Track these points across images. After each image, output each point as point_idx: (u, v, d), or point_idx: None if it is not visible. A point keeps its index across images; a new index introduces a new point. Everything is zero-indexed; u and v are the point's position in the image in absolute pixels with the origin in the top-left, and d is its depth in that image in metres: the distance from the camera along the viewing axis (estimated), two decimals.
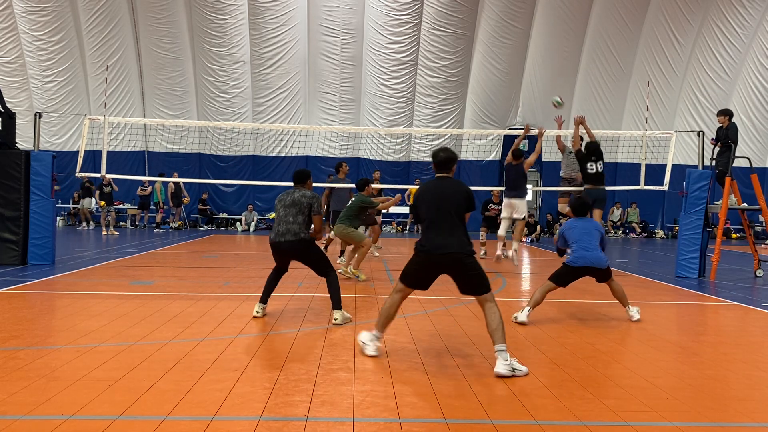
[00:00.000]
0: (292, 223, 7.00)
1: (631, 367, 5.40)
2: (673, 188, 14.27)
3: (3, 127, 11.57)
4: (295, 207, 7.04)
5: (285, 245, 7.03)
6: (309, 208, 7.05)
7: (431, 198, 5.53)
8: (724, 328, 7.56)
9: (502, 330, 5.18)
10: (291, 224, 7.00)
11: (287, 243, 7.00)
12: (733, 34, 24.32)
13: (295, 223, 7.00)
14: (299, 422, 3.90)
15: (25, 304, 7.69)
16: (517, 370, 5.04)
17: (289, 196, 7.17)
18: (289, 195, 7.18)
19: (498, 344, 5.12)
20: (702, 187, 11.94)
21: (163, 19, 23.50)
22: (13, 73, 23.91)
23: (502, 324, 5.20)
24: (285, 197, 7.20)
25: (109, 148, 14.15)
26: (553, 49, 24.39)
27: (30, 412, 3.94)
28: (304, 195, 7.11)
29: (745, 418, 4.26)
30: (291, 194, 7.19)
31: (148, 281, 9.80)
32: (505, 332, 5.18)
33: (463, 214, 5.49)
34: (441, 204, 5.46)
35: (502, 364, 5.02)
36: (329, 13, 23.77)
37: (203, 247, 16.36)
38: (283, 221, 7.05)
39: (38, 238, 11.42)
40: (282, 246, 7.06)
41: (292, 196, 7.13)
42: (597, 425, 3.99)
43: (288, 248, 7.04)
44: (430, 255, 5.40)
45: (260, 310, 7.18)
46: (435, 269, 5.48)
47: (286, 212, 7.07)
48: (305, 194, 7.13)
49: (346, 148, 25.25)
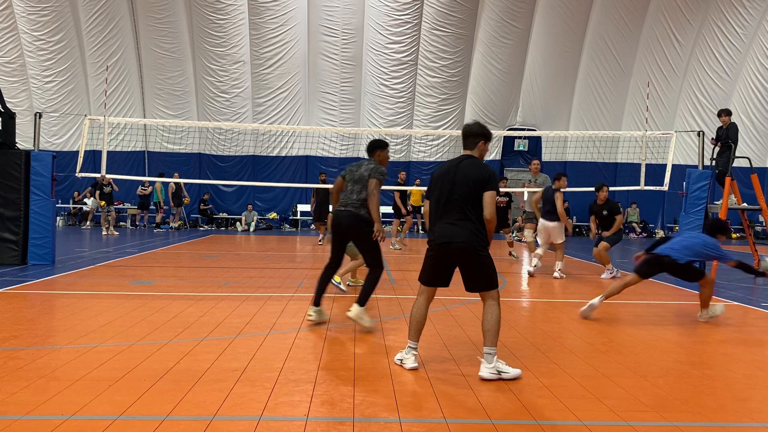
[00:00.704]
0: (355, 199, 6.62)
1: (631, 367, 5.40)
2: (673, 188, 14.27)
3: (3, 127, 11.58)
4: (360, 183, 6.64)
5: (344, 215, 6.59)
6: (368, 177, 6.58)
7: (442, 182, 5.10)
8: (724, 328, 7.56)
9: (495, 332, 4.95)
10: (354, 200, 6.61)
11: (346, 213, 6.58)
12: (733, 34, 24.32)
13: (358, 199, 6.61)
14: (299, 422, 3.90)
15: (25, 304, 7.69)
16: (504, 372, 4.87)
17: (358, 169, 6.76)
18: (358, 168, 6.77)
19: (486, 346, 4.92)
20: (702, 187, 11.94)
21: (163, 19, 23.51)
22: (13, 73, 23.93)
23: (496, 326, 4.95)
24: (354, 169, 6.80)
25: (109, 148, 14.16)
26: (553, 49, 24.40)
27: (30, 412, 3.94)
28: (368, 169, 6.67)
29: (745, 418, 4.26)
30: (359, 168, 6.78)
31: (148, 281, 9.80)
32: (497, 335, 4.97)
33: (475, 201, 4.96)
34: (451, 189, 5.02)
35: (485, 367, 4.87)
36: (329, 13, 23.78)
37: (203, 247, 16.36)
38: (347, 196, 6.68)
39: (38, 238, 11.42)
40: (341, 216, 6.62)
41: (359, 171, 6.72)
42: (597, 425, 3.99)
43: (346, 221, 6.58)
44: (437, 246, 5.10)
45: (313, 313, 6.78)
46: (446, 262, 5.12)
47: (351, 188, 6.70)
48: (369, 168, 6.68)
49: (346, 148, 25.26)
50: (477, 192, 4.97)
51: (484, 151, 5.23)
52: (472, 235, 4.96)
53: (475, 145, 5.18)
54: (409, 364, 5.13)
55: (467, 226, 4.97)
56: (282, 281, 10.10)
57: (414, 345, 5.21)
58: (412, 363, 5.13)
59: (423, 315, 5.26)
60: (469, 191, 4.97)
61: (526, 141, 25.65)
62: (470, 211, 4.98)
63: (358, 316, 6.45)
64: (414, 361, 5.15)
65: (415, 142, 25.48)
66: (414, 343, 5.21)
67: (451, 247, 5.02)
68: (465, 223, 4.98)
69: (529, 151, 25.77)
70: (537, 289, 10.31)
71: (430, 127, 24.48)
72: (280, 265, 12.62)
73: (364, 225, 6.54)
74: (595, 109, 25.17)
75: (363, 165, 6.79)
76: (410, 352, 5.19)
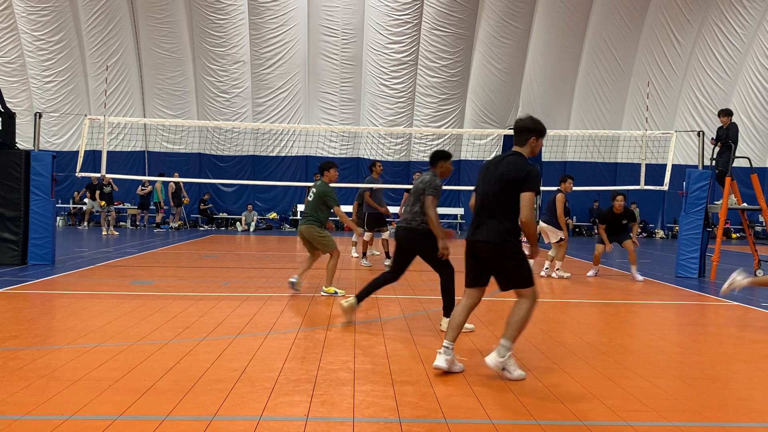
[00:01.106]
0: (410, 212, 6.64)
1: (631, 367, 5.40)
2: (673, 188, 14.27)
3: (3, 127, 11.58)
4: (415, 195, 6.63)
5: (401, 230, 6.64)
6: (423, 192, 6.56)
7: (483, 178, 5.00)
8: (724, 328, 7.56)
9: (516, 328, 4.85)
10: (409, 213, 6.65)
11: (403, 228, 6.61)
12: (733, 34, 24.32)
13: (411, 211, 6.63)
14: (299, 422, 3.90)
15: (25, 304, 7.69)
16: (508, 371, 4.84)
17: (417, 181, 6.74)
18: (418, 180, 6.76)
19: (503, 337, 4.88)
20: (702, 187, 11.94)
21: (163, 19, 23.51)
22: (13, 73, 23.94)
23: (519, 323, 4.85)
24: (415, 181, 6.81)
25: (109, 148, 14.16)
26: (553, 49, 24.40)
27: (30, 412, 3.94)
28: (422, 180, 6.65)
29: (745, 418, 4.26)
30: (417, 179, 6.78)
31: (148, 281, 9.80)
32: (518, 332, 4.89)
33: (506, 200, 4.80)
34: (488, 186, 4.91)
35: (494, 357, 4.82)
36: (329, 13, 23.78)
37: (203, 247, 16.36)
38: (407, 208, 6.70)
39: (38, 238, 11.42)
40: (399, 231, 6.68)
41: (417, 183, 6.71)
42: (597, 425, 3.99)
43: (403, 235, 6.62)
44: (466, 243, 5.01)
45: (346, 303, 6.81)
46: (475, 260, 5.01)
47: (410, 200, 6.71)
48: (423, 179, 6.65)
49: (346, 148, 25.27)
50: (511, 191, 4.78)
51: (536, 148, 4.98)
52: (496, 234, 4.82)
53: (526, 142, 4.95)
54: (435, 361, 5.00)
55: (494, 225, 4.84)
56: (282, 281, 10.10)
57: (448, 345, 5.02)
58: (436, 361, 4.99)
59: (459, 316, 5.10)
60: (502, 190, 4.81)
61: None
62: (500, 210, 4.83)
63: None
64: (442, 360, 4.96)
65: (415, 142, 25.48)
66: (448, 343, 5.03)
67: (476, 245, 4.95)
68: (493, 221, 4.85)
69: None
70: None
71: (430, 127, 24.49)
72: (280, 265, 12.63)
73: (420, 237, 6.52)
74: (595, 109, 25.17)
75: (422, 176, 6.76)
76: (442, 350, 5.02)
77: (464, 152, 25.07)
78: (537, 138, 4.96)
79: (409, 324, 6.97)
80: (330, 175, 8.90)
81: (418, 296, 8.97)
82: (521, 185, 4.74)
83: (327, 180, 8.88)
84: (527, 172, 4.76)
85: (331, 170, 8.92)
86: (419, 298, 8.82)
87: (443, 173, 6.74)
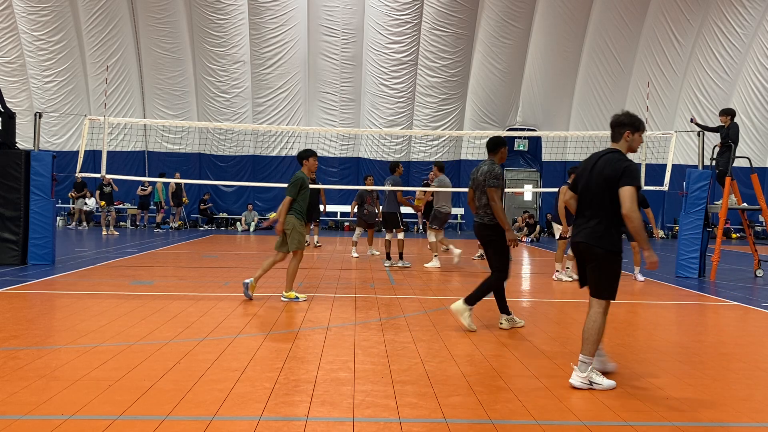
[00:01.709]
0: (478, 206, 6.70)
1: (631, 367, 5.40)
2: (673, 188, 14.27)
3: (3, 127, 11.58)
4: (479, 189, 6.65)
5: (475, 225, 6.73)
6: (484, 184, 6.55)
7: (582, 177, 4.93)
8: (724, 328, 7.56)
9: (593, 341, 4.75)
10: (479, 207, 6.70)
11: (476, 223, 6.72)
12: (733, 34, 24.31)
13: (480, 205, 6.66)
14: (299, 422, 3.90)
15: (25, 304, 7.69)
16: (596, 384, 4.68)
17: (476, 174, 6.73)
18: (476, 173, 6.74)
19: (582, 353, 4.77)
20: (702, 187, 11.95)
21: (163, 19, 23.51)
22: (13, 73, 23.93)
23: (595, 335, 4.74)
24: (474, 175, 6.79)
25: (109, 148, 14.16)
26: (553, 49, 24.40)
27: (30, 412, 3.94)
28: (481, 172, 6.64)
29: (745, 418, 4.26)
30: (477, 171, 6.75)
31: (148, 281, 9.80)
32: (595, 344, 4.77)
33: (604, 198, 4.69)
34: (586, 185, 4.83)
35: (577, 375, 4.73)
36: (329, 13, 23.78)
37: (203, 247, 16.36)
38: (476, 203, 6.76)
39: (38, 238, 11.42)
40: (474, 226, 6.77)
41: (477, 176, 6.70)
42: (597, 425, 3.99)
43: (476, 230, 6.72)
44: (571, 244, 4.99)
45: (504, 321, 6.79)
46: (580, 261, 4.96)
47: (476, 194, 6.75)
48: (482, 170, 6.64)
49: (346, 148, 25.26)
50: (608, 189, 4.68)
51: (634, 143, 4.86)
52: (594, 235, 4.74)
53: (621, 137, 4.85)
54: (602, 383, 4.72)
55: (591, 226, 4.77)
56: (282, 281, 10.09)
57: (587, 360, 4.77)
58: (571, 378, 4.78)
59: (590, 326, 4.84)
60: (600, 189, 4.72)
61: (526, 141, 25.66)
62: (599, 209, 4.75)
63: (459, 311, 6.52)
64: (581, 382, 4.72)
65: (415, 142, 25.48)
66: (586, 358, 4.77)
67: (578, 247, 4.91)
68: (591, 221, 4.78)
69: (529, 151, 25.79)
70: (537, 290, 10.32)
71: (430, 127, 24.50)
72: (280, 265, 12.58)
73: (488, 231, 6.58)
74: (595, 109, 25.16)
75: (480, 168, 6.74)
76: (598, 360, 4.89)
77: (464, 152, 25.06)
78: (632, 132, 4.85)
79: (409, 324, 6.97)
80: (309, 164, 8.43)
81: (418, 296, 8.97)
82: (618, 181, 4.64)
83: (306, 169, 8.41)
84: (623, 167, 4.66)
85: (310, 159, 8.42)
86: (419, 298, 8.83)
87: (502, 159, 6.80)
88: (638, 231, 4.70)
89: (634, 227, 4.65)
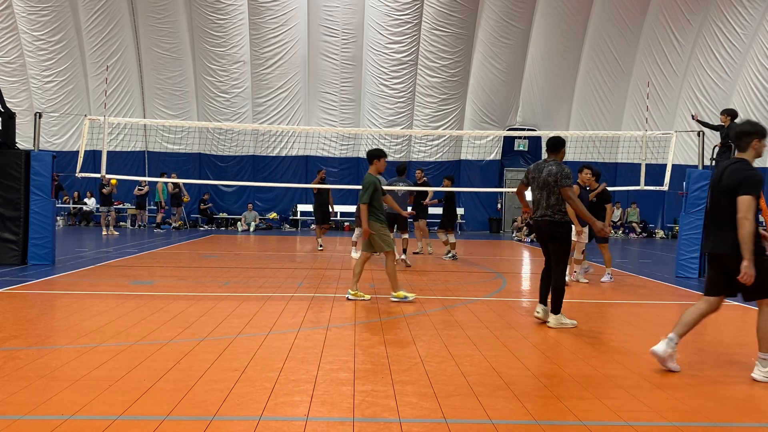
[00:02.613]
0: (546, 206, 6.83)
1: (631, 367, 5.40)
2: (673, 188, 14.26)
3: (3, 127, 11.58)
4: (547, 188, 6.80)
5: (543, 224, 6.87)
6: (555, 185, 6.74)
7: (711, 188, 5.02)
8: (724, 328, 7.56)
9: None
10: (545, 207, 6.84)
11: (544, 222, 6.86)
12: (733, 34, 24.30)
13: (548, 205, 6.80)
14: (299, 422, 3.90)
15: (25, 304, 7.69)
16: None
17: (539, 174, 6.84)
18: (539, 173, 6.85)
19: (760, 351, 5.01)
20: (702, 187, 11.94)
21: (163, 19, 23.51)
22: (13, 73, 23.93)
23: None
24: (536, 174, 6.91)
25: (109, 148, 14.15)
26: (553, 49, 24.40)
27: (30, 412, 3.94)
28: (549, 173, 6.78)
29: (745, 418, 4.26)
30: (540, 171, 6.87)
31: (148, 281, 9.80)
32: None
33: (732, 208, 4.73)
34: (714, 196, 4.88)
35: (759, 371, 5.01)
36: (329, 13, 23.77)
37: (203, 247, 16.36)
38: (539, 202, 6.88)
39: (38, 238, 11.42)
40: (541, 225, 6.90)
41: (542, 176, 6.82)
42: (597, 425, 3.99)
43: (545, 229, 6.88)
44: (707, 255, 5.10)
45: (540, 311, 7.09)
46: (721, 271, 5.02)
47: (540, 194, 6.88)
48: (551, 171, 6.78)
49: (346, 148, 25.25)
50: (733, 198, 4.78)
51: (761, 150, 4.89)
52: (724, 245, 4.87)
53: (748, 146, 4.90)
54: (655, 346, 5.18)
55: (721, 236, 4.90)
56: (282, 281, 10.10)
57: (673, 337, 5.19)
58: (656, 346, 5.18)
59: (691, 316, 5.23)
60: (729, 200, 4.81)
61: (526, 141, 25.65)
62: (727, 219, 4.83)
63: (559, 323, 6.81)
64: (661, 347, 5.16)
65: (415, 142, 25.47)
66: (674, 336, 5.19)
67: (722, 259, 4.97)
68: (721, 232, 4.90)
69: (529, 151, 25.78)
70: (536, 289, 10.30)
71: (430, 127, 24.49)
72: (280, 265, 12.62)
73: (557, 228, 6.80)
74: (595, 109, 25.16)
75: (545, 168, 6.88)
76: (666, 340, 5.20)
77: (464, 152, 25.05)
78: (759, 139, 4.92)
79: (409, 324, 6.97)
80: (378, 165, 8.35)
81: (418, 296, 8.97)
82: (737, 190, 4.75)
83: (373, 170, 8.35)
84: (744, 176, 4.73)
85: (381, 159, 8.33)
86: (419, 298, 8.82)
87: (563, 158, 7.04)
88: (745, 239, 4.77)
89: (741, 235, 4.76)
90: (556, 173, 6.74)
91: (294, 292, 8.99)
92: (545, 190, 6.84)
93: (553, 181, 6.76)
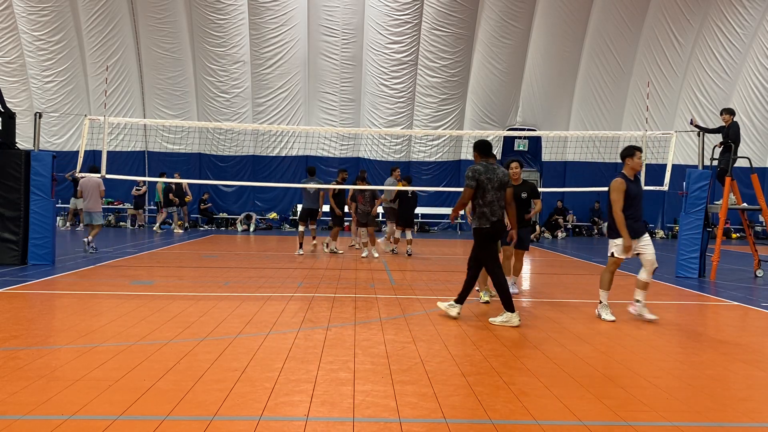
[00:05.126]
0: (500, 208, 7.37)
1: (631, 367, 5.40)
2: (673, 188, 14.27)
3: (3, 127, 11.58)
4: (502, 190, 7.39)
5: (499, 224, 7.38)
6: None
7: None
8: (724, 328, 7.56)
9: None
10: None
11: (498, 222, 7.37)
12: (733, 34, 24.31)
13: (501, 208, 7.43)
14: (299, 422, 3.90)
15: (25, 304, 7.69)
16: None
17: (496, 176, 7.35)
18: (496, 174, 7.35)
19: None
20: (702, 187, 11.95)
21: (163, 19, 23.51)
22: (13, 73, 23.93)
23: None
24: (493, 176, 7.36)
25: (109, 148, 14.15)
26: (553, 49, 24.40)
27: (30, 412, 3.94)
28: (505, 174, 7.44)
29: (745, 418, 4.26)
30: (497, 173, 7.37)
31: (148, 281, 9.80)
32: None
33: None
34: None
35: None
36: (329, 13, 23.77)
37: (203, 247, 16.36)
38: (499, 206, 7.38)
39: (38, 238, 11.42)
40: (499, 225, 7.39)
41: (498, 176, 7.35)
42: (597, 425, 3.99)
43: (499, 228, 7.44)
44: None
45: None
46: None
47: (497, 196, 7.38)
48: (505, 173, 7.44)
49: (346, 148, 25.26)
50: None
51: None
52: None
53: None
54: None
55: None
56: (282, 281, 10.10)
57: None
58: None
59: None
60: None
61: (526, 141, 25.64)
62: None
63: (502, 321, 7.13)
64: None
65: (415, 142, 25.48)
66: None
67: None
68: None
69: (529, 151, 25.78)
70: (536, 290, 10.31)
71: (430, 127, 24.49)
72: (280, 265, 12.62)
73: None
74: (595, 109, 25.16)
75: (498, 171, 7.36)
76: None
77: (464, 152, 25.05)
78: None
79: (409, 324, 6.97)
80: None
81: (418, 296, 8.97)
82: None
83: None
84: None
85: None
86: (419, 298, 8.83)
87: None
88: None
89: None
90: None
91: (294, 292, 8.99)
92: (501, 192, 7.38)
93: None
